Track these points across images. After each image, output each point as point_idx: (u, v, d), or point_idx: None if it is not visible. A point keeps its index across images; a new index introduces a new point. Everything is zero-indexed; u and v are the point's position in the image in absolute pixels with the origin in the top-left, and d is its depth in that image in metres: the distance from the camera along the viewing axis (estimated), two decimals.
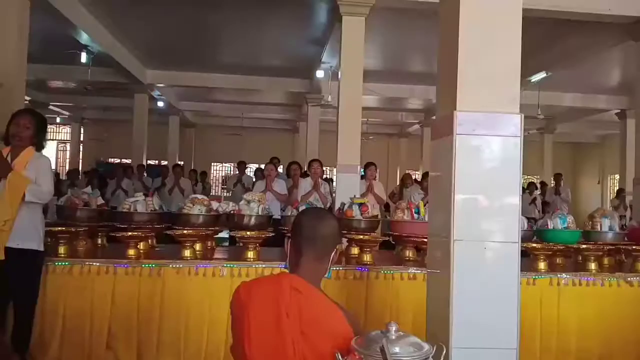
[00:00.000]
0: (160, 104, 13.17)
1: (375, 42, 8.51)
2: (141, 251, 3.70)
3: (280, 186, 6.23)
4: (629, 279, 3.71)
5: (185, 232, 3.63)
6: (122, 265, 3.39)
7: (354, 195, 4.30)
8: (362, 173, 6.87)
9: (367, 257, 3.68)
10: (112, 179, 9.49)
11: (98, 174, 10.31)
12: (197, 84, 11.49)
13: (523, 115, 2.38)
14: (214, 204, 3.85)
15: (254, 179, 8.67)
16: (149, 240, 3.99)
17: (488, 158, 2.34)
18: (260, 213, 3.69)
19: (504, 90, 2.37)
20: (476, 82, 2.35)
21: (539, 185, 11.88)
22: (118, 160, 16.73)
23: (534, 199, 10.44)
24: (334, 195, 6.16)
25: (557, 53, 8.59)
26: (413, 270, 3.55)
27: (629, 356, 3.67)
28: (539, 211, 9.96)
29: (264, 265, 3.42)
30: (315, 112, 11.60)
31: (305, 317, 1.59)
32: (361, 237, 3.79)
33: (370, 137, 17.55)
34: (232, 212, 3.73)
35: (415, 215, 4.03)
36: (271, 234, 3.72)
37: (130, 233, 3.61)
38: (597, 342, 3.63)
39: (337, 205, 4.72)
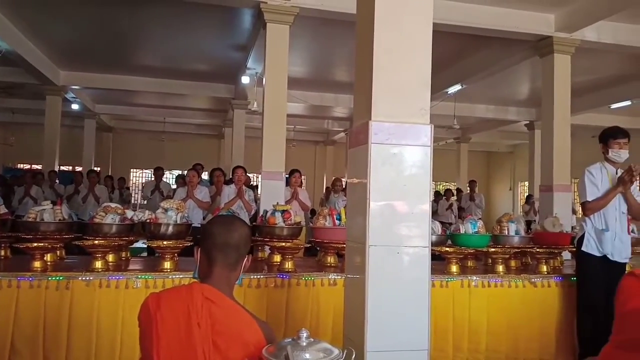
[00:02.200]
0: (74, 106, 12.50)
1: (300, 50, 8.59)
2: (48, 263, 3.48)
3: (202, 193, 6.11)
4: (533, 280, 3.98)
5: (96, 242, 3.45)
6: (26, 279, 3.17)
7: (277, 202, 4.29)
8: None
9: (288, 264, 3.68)
10: (20, 185, 8.87)
11: (3, 181, 9.58)
12: (116, 86, 10.99)
13: (433, 126, 2.48)
14: (129, 213, 3.70)
15: (172, 186, 8.42)
16: (57, 252, 3.75)
17: (400, 166, 2.42)
18: (178, 221, 3.59)
19: (415, 102, 2.46)
20: (389, 94, 2.43)
21: (455, 192, 12.48)
22: (28, 166, 15.65)
23: (451, 205, 10.95)
24: (258, 202, 6.13)
25: (471, 66, 9.09)
26: (333, 276, 3.59)
27: (533, 352, 3.93)
28: (455, 216, 10.45)
29: (181, 276, 3.33)
30: (241, 117, 11.49)
31: (217, 327, 1.58)
32: (283, 244, 3.78)
33: (292, 144, 17.68)
34: (147, 220, 3.59)
35: (337, 222, 4.10)
36: (190, 243, 3.63)
37: (35, 244, 3.38)
38: (505, 341, 3.86)
39: (261, 212, 4.70)
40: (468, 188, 12.23)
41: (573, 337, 3.90)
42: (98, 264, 3.38)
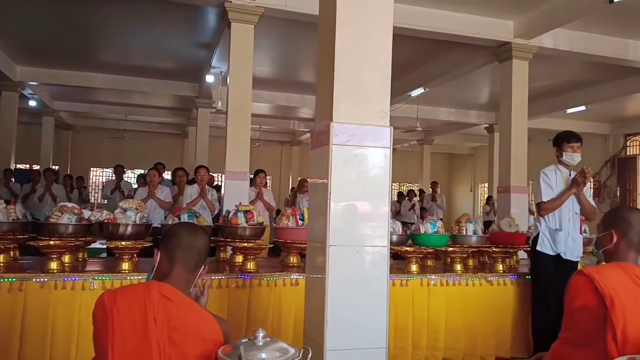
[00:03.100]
0: (32, 103, 12.07)
1: (266, 50, 8.57)
2: (0, 264, 3.36)
3: (164, 193, 6.02)
4: (489, 278, 4.10)
5: (51, 242, 3.36)
6: None
7: (240, 203, 4.27)
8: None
9: (250, 265, 3.68)
10: None
11: None
12: (76, 83, 10.68)
13: (393, 128, 2.53)
14: (86, 212, 3.62)
15: (134, 186, 8.25)
16: (11, 253, 3.63)
17: (361, 167, 2.46)
18: (137, 222, 3.53)
19: (376, 105, 2.51)
20: (350, 96, 2.47)
21: (418, 193, 12.69)
22: None
23: (413, 205, 11.14)
24: (222, 202, 6.07)
25: (434, 70, 9.25)
26: (295, 276, 3.61)
27: (490, 349, 4.05)
28: (417, 216, 10.63)
29: (140, 277, 3.27)
30: (205, 116, 11.36)
31: (174, 324, 1.60)
32: (245, 244, 3.77)
33: (258, 144, 17.60)
34: (105, 221, 3.52)
35: (300, 222, 4.11)
36: (150, 244, 3.57)
37: None
38: (463, 338, 3.96)
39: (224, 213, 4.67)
40: (430, 189, 12.45)
41: (528, 333, 4.03)
42: (53, 265, 3.30)
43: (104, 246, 4.32)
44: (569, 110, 11.51)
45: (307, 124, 15.49)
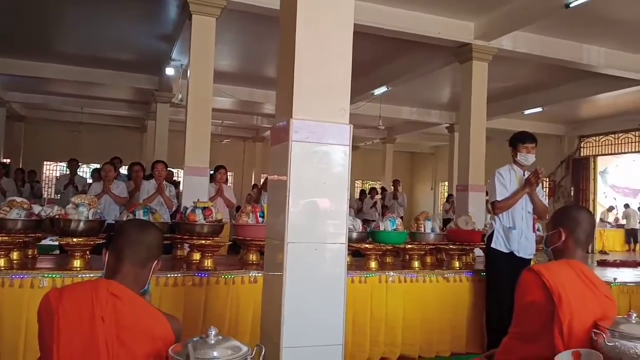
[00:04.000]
0: None
1: (229, 44, 8.46)
2: None
3: (119, 188, 5.86)
4: (445, 275, 4.18)
5: None
6: None
7: (198, 199, 4.20)
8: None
9: (208, 263, 3.62)
10: None
11: None
12: (30, 73, 10.27)
13: (352, 126, 2.53)
14: (36, 208, 3.48)
15: (88, 181, 8.00)
16: None
17: (320, 164, 2.45)
18: (90, 217, 3.41)
19: (336, 102, 2.50)
20: (310, 93, 2.45)
21: (380, 191, 12.83)
22: None
23: (375, 203, 11.25)
24: (180, 198, 5.96)
25: (397, 69, 9.36)
26: (254, 274, 3.57)
27: (445, 344, 4.13)
28: (379, 214, 10.74)
29: (92, 275, 3.17)
30: (165, 110, 11.13)
31: (123, 322, 1.58)
32: (202, 241, 3.71)
33: (225, 141, 17.39)
34: (57, 216, 3.39)
35: (260, 219, 4.08)
36: (103, 240, 3.46)
37: None
38: (420, 334, 4.02)
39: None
40: (392, 187, 12.60)
41: (482, 328, 4.12)
42: (1, 262, 3.16)
43: (57, 243, 4.17)
44: (526, 112, 11.87)
45: (271, 120, 15.36)
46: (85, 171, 13.43)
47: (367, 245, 4.08)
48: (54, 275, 3.13)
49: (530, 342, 1.93)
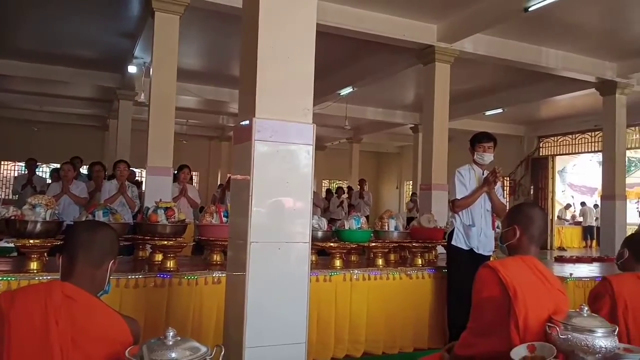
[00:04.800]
0: None
1: (193, 42, 8.35)
2: None
3: (79, 188, 5.71)
4: (408, 272, 4.24)
5: None
6: None
7: (160, 199, 4.13)
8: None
9: (170, 264, 3.57)
10: None
11: None
12: None
13: (315, 126, 2.54)
14: None
15: (48, 181, 7.77)
16: None
17: (283, 164, 2.45)
18: (47, 218, 3.31)
19: (299, 102, 2.51)
20: (273, 92, 2.45)
21: (346, 190, 12.91)
22: None
23: (342, 202, 11.32)
24: (142, 198, 5.86)
25: (362, 70, 9.43)
26: (218, 274, 3.54)
27: (408, 340, 4.19)
28: (345, 213, 10.80)
29: (49, 277, 3.07)
30: (127, 109, 10.90)
31: (78, 325, 1.55)
32: (165, 242, 3.65)
33: (183, 140, 17.15)
34: (13, 217, 3.28)
35: (224, 219, 4.04)
36: (61, 242, 3.36)
37: None
38: (383, 331, 4.07)
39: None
40: (358, 186, 12.70)
41: (444, 324, 4.20)
42: None
43: (12, 245, 4.03)
44: (488, 113, 12.15)
45: (236, 120, 15.22)
46: (45, 171, 13.02)
47: (332, 244, 4.10)
48: (9, 278, 3.03)
49: (488, 336, 1.98)
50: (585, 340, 1.75)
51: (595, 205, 15.09)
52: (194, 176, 17.52)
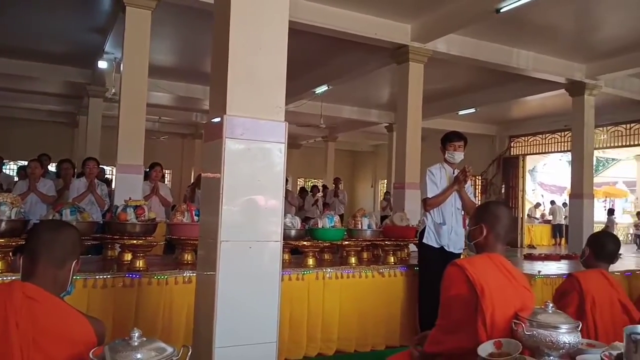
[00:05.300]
0: None
1: (166, 38, 8.24)
2: None
3: (47, 186, 5.57)
4: (381, 270, 4.27)
5: None
6: None
7: (129, 198, 4.06)
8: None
9: (139, 263, 3.51)
10: None
11: None
12: None
13: (287, 123, 2.53)
14: None
15: (16, 179, 7.56)
16: None
17: (255, 162, 2.43)
18: (13, 217, 3.22)
19: (271, 99, 2.49)
20: (245, 89, 2.43)
21: (321, 188, 12.92)
22: None
23: (316, 201, 11.32)
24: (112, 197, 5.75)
25: (337, 68, 9.44)
26: (188, 274, 3.50)
27: (380, 338, 4.22)
28: (320, 212, 10.80)
29: (14, 277, 2.98)
30: (97, 105, 10.68)
31: (40, 326, 1.52)
32: (134, 241, 3.59)
33: (163, 137, 16.92)
34: None
35: (196, 218, 3.99)
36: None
37: None
38: (356, 329, 4.09)
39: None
40: (333, 185, 12.72)
41: (416, 321, 4.24)
42: None
43: None
44: (461, 112, 12.31)
45: (208, 117, 15.06)
46: (12, 169, 12.67)
47: (305, 243, 4.10)
48: None
49: (456, 333, 2.00)
50: (549, 336, 1.78)
51: (565, 204, 15.44)
52: (166, 174, 17.30)
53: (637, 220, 15.47)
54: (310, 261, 4.06)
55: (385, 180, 16.34)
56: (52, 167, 8.70)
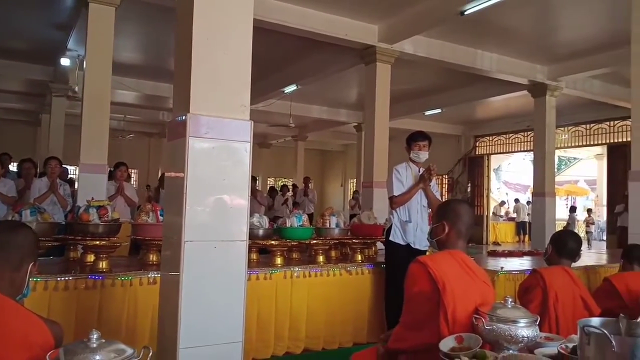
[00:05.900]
0: None
1: (131, 35, 8.09)
2: None
3: (7, 187, 5.40)
4: (348, 268, 4.29)
5: None
6: None
7: (92, 198, 3.97)
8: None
9: (103, 264, 3.44)
10: None
11: None
12: None
13: (253, 122, 2.52)
14: None
15: None
16: None
17: (219, 161, 2.41)
18: None
19: (235, 98, 2.47)
20: (209, 88, 2.40)
21: (291, 188, 12.92)
22: None
23: (286, 200, 11.31)
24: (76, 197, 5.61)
25: (306, 68, 9.44)
26: (153, 275, 3.44)
27: (348, 335, 4.25)
28: (289, 211, 10.80)
29: None
30: (61, 103, 10.40)
31: None
32: (97, 242, 3.51)
33: (129, 136, 16.61)
34: None
35: (161, 218, 3.94)
36: None
37: None
38: (323, 327, 4.10)
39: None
40: (303, 184, 12.73)
41: (383, 318, 4.28)
42: None
43: None
44: (427, 113, 12.50)
45: (172, 115, 14.83)
46: None
47: (272, 242, 4.09)
48: None
49: (419, 329, 2.04)
50: (508, 331, 1.83)
51: (528, 202, 15.85)
52: (132, 174, 16.97)
53: (588, 217, 15.84)
54: (278, 260, 4.05)
55: (355, 180, 16.45)
56: (13, 167, 8.42)
